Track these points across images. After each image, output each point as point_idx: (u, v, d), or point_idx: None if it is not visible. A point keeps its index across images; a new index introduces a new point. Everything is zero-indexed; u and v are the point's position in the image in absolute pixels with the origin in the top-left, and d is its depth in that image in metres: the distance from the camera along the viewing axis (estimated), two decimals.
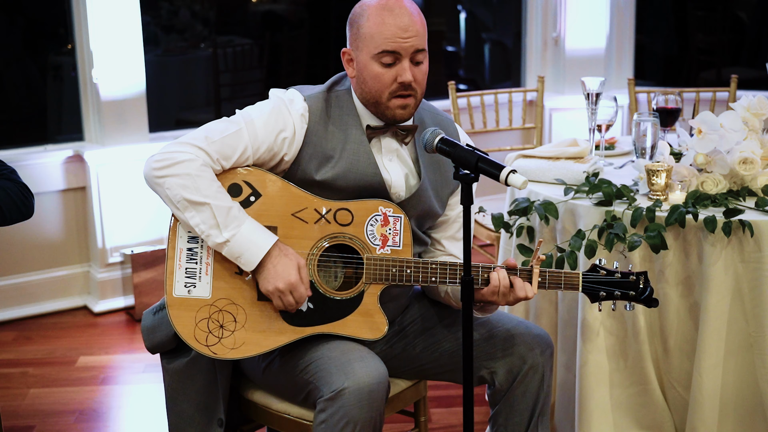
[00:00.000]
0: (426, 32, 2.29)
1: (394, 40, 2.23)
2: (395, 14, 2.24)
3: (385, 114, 2.29)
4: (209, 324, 2.25)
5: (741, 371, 2.65)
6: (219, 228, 2.18)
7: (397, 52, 2.24)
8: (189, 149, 2.21)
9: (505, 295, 2.24)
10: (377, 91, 2.27)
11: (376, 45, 2.24)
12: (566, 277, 2.28)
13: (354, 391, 2.15)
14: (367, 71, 2.27)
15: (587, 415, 2.74)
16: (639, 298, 2.28)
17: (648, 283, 2.28)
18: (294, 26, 5.92)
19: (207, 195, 2.18)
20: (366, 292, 2.28)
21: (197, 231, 2.20)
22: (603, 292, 2.28)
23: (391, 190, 2.34)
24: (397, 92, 2.26)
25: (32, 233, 4.30)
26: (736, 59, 5.96)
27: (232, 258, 2.21)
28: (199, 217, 2.19)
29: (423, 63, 2.29)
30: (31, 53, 4.77)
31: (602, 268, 2.29)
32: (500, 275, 2.23)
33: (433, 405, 3.43)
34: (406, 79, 2.24)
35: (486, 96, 4.36)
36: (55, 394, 3.62)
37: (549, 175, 2.96)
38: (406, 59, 2.25)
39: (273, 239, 2.21)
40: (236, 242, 2.19)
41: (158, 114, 4.83)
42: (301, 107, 2.29)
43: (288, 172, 2.31)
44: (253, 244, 2.19)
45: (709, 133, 2.75)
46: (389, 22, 2.23)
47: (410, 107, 2.29)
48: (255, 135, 2.25)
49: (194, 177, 2.18)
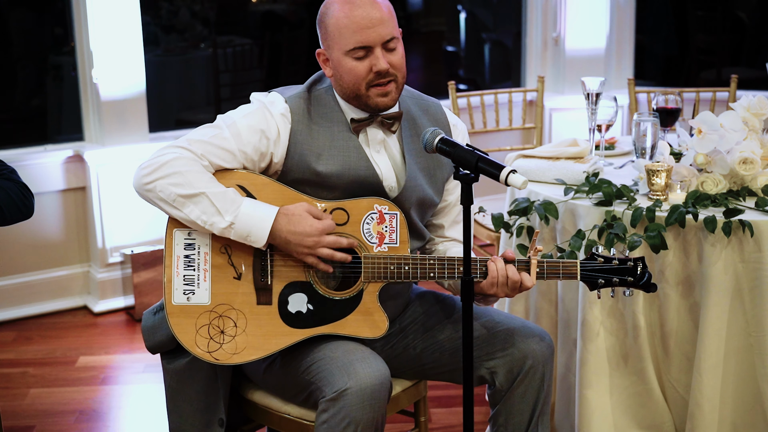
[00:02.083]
0: (394, 16, 2.28)
1: (361, 34, 2.22)
2: (357, 5, 2.23)
3: (368, 105, 2.29)
4: (210, 330, 2.25)
5: (741, 371, 2.65)
6: (221, 214, 2.18)
7: (366, 45, 2.23)
8: (172, 150, 2.22)
9: (503, 285, 2.23)
10: (355, 84, 2.27)
11: (345, 42, 2.24)
12: (564, 266, 2.28)
13: (356, 391, 2.15)
14: (342, 68, 2.27)
15: (587, 415, 2.74)
16: (637, 284, 2.28)
17: (646, 268, 2.28)
18: (294, 26, 5.92)
19: (200, 186, 2.18)
20: (365, 290, 2.28)
21: (200, 224, 2.19)
22: (601, 280, 2.28)
23: (384, 182, 2.34)
24: (375, 81, 2.26)
25: (32, 233, 4.30)
26: (736, 59, 5.96)
27: (242, 239, 2.20)
28: (198, 208, 2.19)
29: (397, 48, 2.28)
30: (31, 53, 4.78)
31: (600, 255, 2.29)
32: (498, 266, 2.23)
33: (433, 405, 3.43)
34: (381, 68, 2.23)
35: (486, 96, 4.36)
36: (55, 394, 3.62)
37: (549, 175, 2.96)
38: (378, 48, 2.24)
39: (275, 209, 2.21)
40: (240, 222, 2.18)
41: (158, 114, 4.83)
42: (282, 108, 2.29)
43: (280, 174, 2.31)
44: (258, 219, 2.18)
45: (709, 133, 2.75)
46: (353, 15, 2.22)
47: (392, 93, 2.28)
48: (238, 136, 2.25)
49: (183, 173, 2.18)
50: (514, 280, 2.22)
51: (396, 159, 2.37)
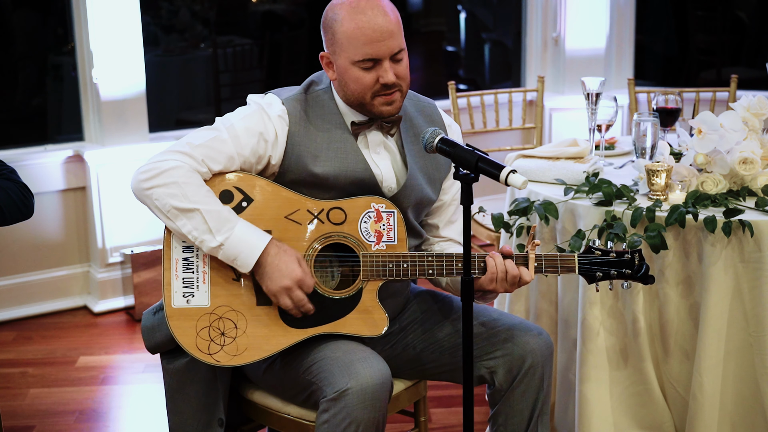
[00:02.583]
0: (401, 28, 2.28)
1: (371, 47, 2.22)
2: (368, 16, 2.22)
3: (372, 112, 2.30)
4: (210, 332, 2.25)
5: (741, 371, 2.65)
6: (212, 233, 2.18)
7: (375, 58, 2.23)
8: (173, 156, 2.21)
9: (503, 281, 2.23)
10: (360, 93, 2.27)
11: (353, 52, 2.23)
12: (562, 260, 2.28)
13: (357, 391, 2.15)
14: (347, 76, 2.27)
15: (587, 415, 2.74)
16: (635, 276, 2.29)
17: (643, 261, 2.29)
18: (294, 26, 5.92)
19: (196, 201, 2.18)
20: (364, 289, 2.28)
21: (191, 238, 2.19)
22: (599, 273, 2.28)
23: (383, 184, 2.34)
24: (381, 92, 2.26)
25: (32, 233, 4.30)
26: (736, 59, 5.96)
27: (228, 261, 2.20)
28: (191, 224, 2.18)
29: (403, 59, 2.28)
30: (31, 53, 4.77)
31: (597, 248, 2.30)
32: (497, 261, 2.23)
33: (433, 405, 3.43)
34: (388, 80, 2.24)
35: (486, 96, 4.36)
36: (55, 394, 3.62)
37: (549, 175, 2.96)
38: (386, 60, 2.24)
39: (267, 238, 2.20)
40: (230, 245, 2.18)
41: (158, 114, 4.83)
42: (279, 109, 2.29)
43: (277, 176, 2.31)
44: (248, 245, 2.18)
45: (709, 133, 2.75)
46: (364, 26, 2.21)
47: (397, 101, 2.29)
48: (237, 138, 2.25)
49: (181, 184, 2.18)
50: (513, 275, 2.23)
51: (396, 160, 2.37)
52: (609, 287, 2.34)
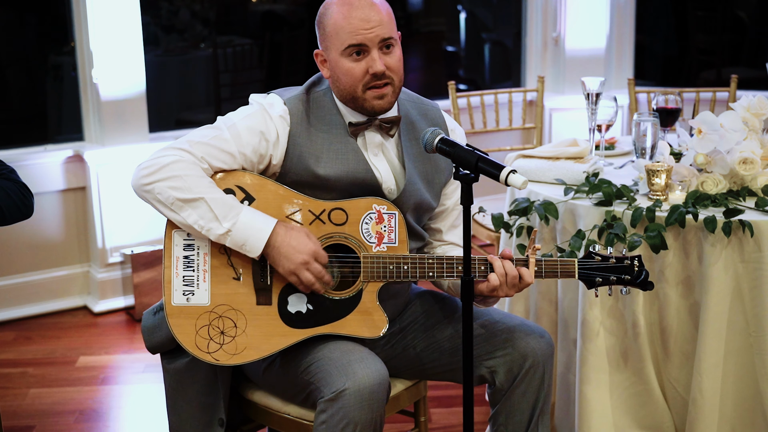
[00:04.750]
0: (392, 19, 2.28)
1: (358, 33, 2.22)
2: (356, 7, 2.23)
3: (364, 107, 2.29)
4: (210, 331, 2.25)
5: (741, 371, 2.65)
6: (218, 220, 2.18)
7: (363, 44, 2.23)
8: (173, 152, 2.21)
9: (504, 285, 2.22)
10: (351, 85, 2.27)
11: (341, 41, 2.24)
12: (562, 265, 2.28)
13: (354, 392, 2.15)
14: (339, 68, 2.27)
15: (587, 415, 2.74)
16: (635, 282, 2.29)
17: (642, 267, 2.29)
18: (294, 26, 5.92)
19: (199, 190, 2.18)
20: (364, 290, 2.28)
21: (197, 228, 2.19)
22: (599, 278, 2.28)
23: (383, 185, 2.34)
24: (371, 83, 2.26)
25: (32, 233, 4.30)
26: (736, 59, 5.96)
27: (237, 247, 2.20)
28: (196, 213, 2.18)
29: (395, 50, 2.28)
30: (31, 53, 4.77)
31: (597, 254, 2.30)
32: (505, 265, 2.23)
33: (433, 405, 3.43)
34: (377, 69, 2.23)
35: (486, 96, 4.36)
36: (55, 394, 3.62)
37: (549, 175, 2.96)
38: (375, 49, 2.24)
39: (274, 220, 2.21)
40: (238, 230, 2.18)
41: (158, 114, 4.83)
42: (280, 110, 2.29)
43: (279, 176, 2.31)
44: (256, 229, 2.18)
45: (709, 133, 2.75)
46: (351, 15, 2.23)
47: (388, 96, 2.28)
48: (238, 137, 2.25)
49: (183, 177, 2.18)
50: (513, 276, 2.23)
51: (394, 163, 2.37)
52: (608, 292, 2.34)
